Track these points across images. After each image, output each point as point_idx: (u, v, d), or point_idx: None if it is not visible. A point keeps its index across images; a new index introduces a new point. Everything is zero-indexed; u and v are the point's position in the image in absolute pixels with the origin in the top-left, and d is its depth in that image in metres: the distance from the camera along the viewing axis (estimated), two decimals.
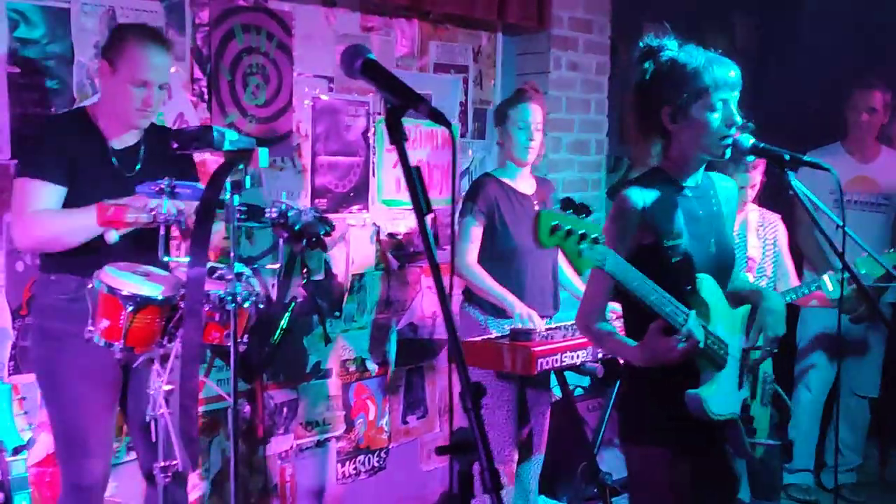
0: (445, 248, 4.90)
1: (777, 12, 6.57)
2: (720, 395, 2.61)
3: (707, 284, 2.58)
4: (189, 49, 3.85)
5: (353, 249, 4.50)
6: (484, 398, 3.97)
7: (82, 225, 2.99)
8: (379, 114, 4.55)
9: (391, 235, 4.67)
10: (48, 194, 3.04)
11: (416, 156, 4.70)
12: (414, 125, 4.68)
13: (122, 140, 3.21)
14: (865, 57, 5.82)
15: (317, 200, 4.31)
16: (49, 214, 3.04)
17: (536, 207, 4.12)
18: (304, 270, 4.29)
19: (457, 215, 4.13)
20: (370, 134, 4.53)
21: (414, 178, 1.66)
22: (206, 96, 3.92)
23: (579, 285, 4.33)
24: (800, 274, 4.87)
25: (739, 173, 3.75)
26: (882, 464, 5.54)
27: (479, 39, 5.01)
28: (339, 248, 4.44)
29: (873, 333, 5.11)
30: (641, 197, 2.57)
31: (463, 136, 4.96)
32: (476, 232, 4.00)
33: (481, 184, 4.09)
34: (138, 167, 3.19)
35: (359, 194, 4.51)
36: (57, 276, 3.12)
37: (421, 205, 1.66)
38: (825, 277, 3.96)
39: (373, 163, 4.56)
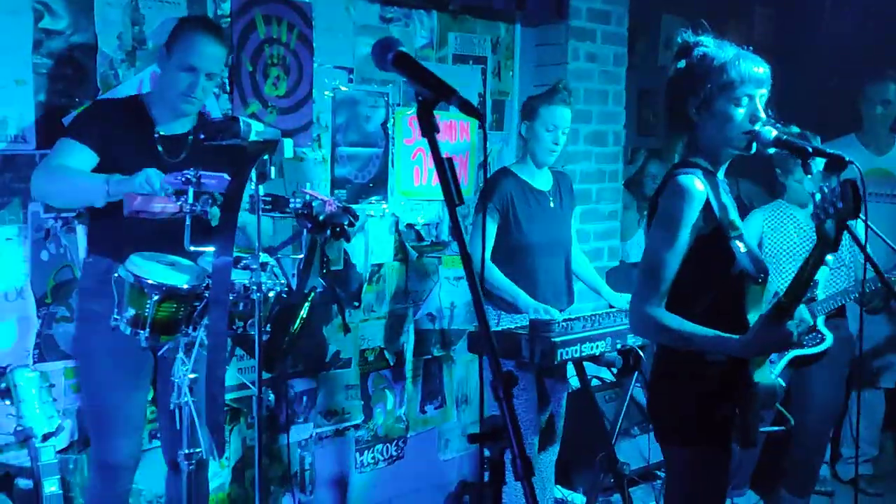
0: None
1: (794, 4, 6.56)
2: None
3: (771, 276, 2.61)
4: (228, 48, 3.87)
5: (372, 240, 4.53)
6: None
7: (93, 187, 3.04)
8: (398, 104, 4.57)
9: (410, 226, 4.69)
10: (78, 154, 3.14)
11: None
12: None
13: (171, 128, 3.27)
14: (882, 49, 5.81)
15: (336, 191, 4.33)
16: (67, 169, 3.12)
17: (552, 203, 4.13)
18: (324, 260, 4.32)
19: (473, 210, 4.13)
20: (390, 125, 4.55)
21: (445, 170, 1.68)
22: (227, 87, 3.94)
23: (595, 276, 4.35)
24: None
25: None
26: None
27: (498, 30, 5.02)
28: (358, 239, 4.46)
29: (891, 325, 5.12)
30: (700, 183, 2.54)
31: (481, 128, 4.97)
32: (490, 229, 4.01)
33: (497, 180, 4.08)
34: (183, 155, 3.23)
35: (378, 185, 4.54)
36: (93, 257, 3.22)
37: (453, 196, 1.68)
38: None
39: (392, 153, 4.58)
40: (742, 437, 2.56)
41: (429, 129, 1.73)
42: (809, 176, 3.96)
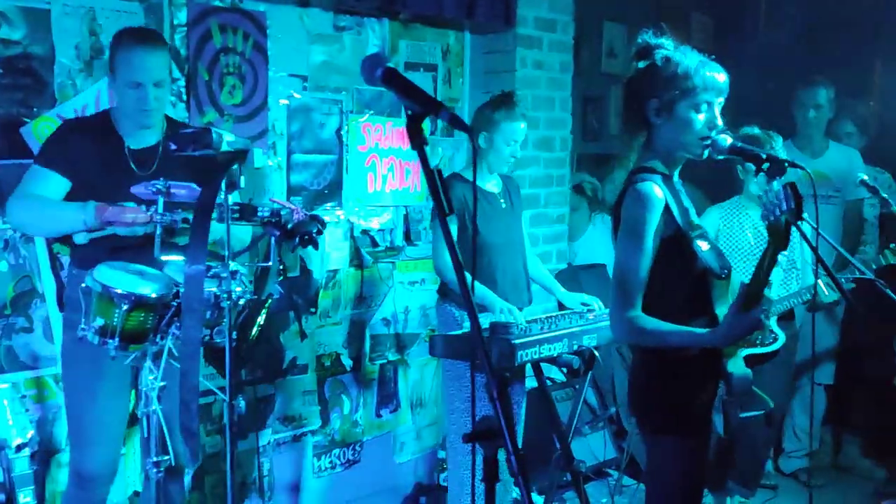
0: (416, 245, 4.99)
1: (731, 12, 6.75)
2: None
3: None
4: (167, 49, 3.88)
5: (327, 246, 4.57)
6: (467, 391, 4.05)
7: (70, 217, 3.07)
8: (352, 111, 4.62)
9: (364, 232, 4.75)
10: (50, 182, 3.15)
11: (389, 153, 4.79)
12: (385, 122, 4.76)
13: (140, 140, 3.29)
14: (814, 55, 6.01)
15: (292, 198, 4.37)
16: (42, 200, 3.14)
17: (504, 205, 4.22)
18: (281, 268, 4.36)
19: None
20: (344, 132, 4.60)
21: (436, 181, 1.74)
22: (184, 96, 3.96)
23: (549, 276, 4.45)
24: None
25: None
26: (835, 449, 5.74)
27: (448, 38, 5.10)
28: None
29: (829, 323, 5.30)
30: (659, 189, 2.64)
31: (432, 133, 5.04)
32: (452, 230, 4.07)
33: (450, 185, 4.15)
34: (154, 168, 3.25)
35: (333, 192, 4.58)
36: (77, 270, 3.23)
37: (443, 206, 1.74)
38: (820, 283, 4.15)
39: (346, 160, 4.63)
40: (725, 424, 2.68)
41: (418, 142, 1.79)
42: (755, 179, 4.11)
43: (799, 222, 2.60)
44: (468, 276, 3.93)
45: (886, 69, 6.51)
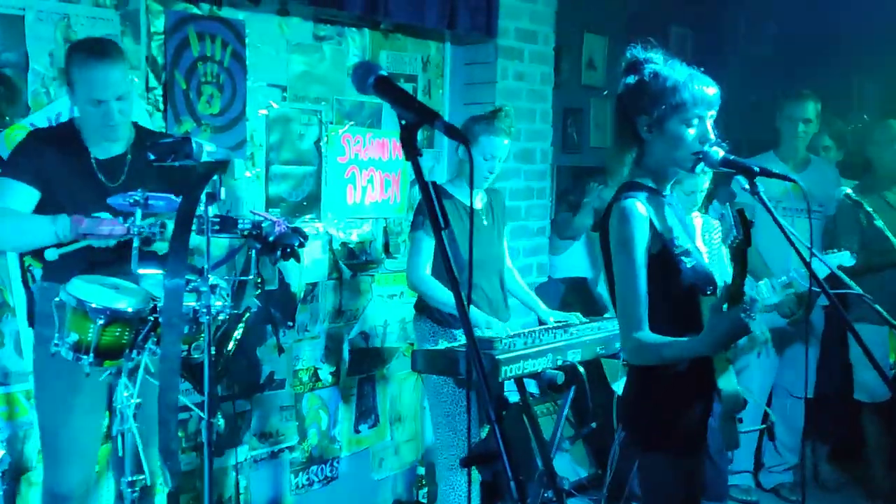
0: (395, 257, 4.92)
1: (710, 24, 6.76)
2: None
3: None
4: (144, 57, 3.81)
5: (305, 259, 4.49)
6: (445, 406, 4.01)
7: (41, 231, 2.98)
8: (331, 122, 4.55)
9: (343, 244, 4.67)
10: (19, 193, 3.06)
11: (368, 164, 4.72)
12: (365, 133, 4.70)
13: (107, 150, 3.21)
14: (796, 67, 6.02)
15: (270, 209, 4.29)
16: (11, 213, 3.04)
17: (485, 221, 4.16)
18: (258, 281, 4.27)
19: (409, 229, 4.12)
20: (323, 143, 4.53)
21: (430, 193, 1.68)
22: (161, 105, 3.88)
23: (528, 293, 4.40)
24: None
25: (690, 178, 3.82)
26: (814, 463, 5.72)
27: (428, 49, 5.04)
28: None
29: (808, 336, 5.28)
30: (643, 206, 2.60)
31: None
32: (429, 245, 4.02)
33: None
34: (122, 178, 3.17)
35: (311, 203, 4.51)
36: (49, 283, 3.13)
37: (438, 219, 1.67)
38: (760, 284, 4.13)
39: (325, 172, 4.55)
40: (726, 441, 2.64)
41: (412, 153, 1.72)
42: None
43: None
44: (451, 292, 3.93)
45: (864, 83, 6.55)
